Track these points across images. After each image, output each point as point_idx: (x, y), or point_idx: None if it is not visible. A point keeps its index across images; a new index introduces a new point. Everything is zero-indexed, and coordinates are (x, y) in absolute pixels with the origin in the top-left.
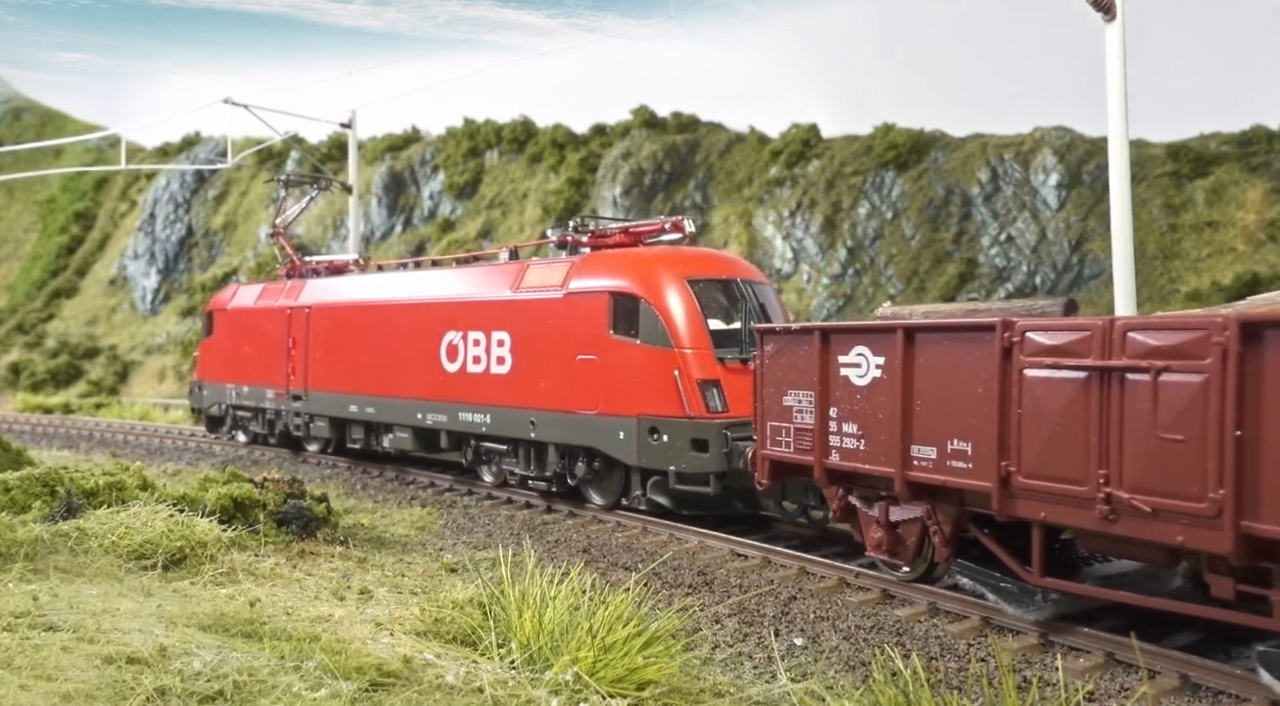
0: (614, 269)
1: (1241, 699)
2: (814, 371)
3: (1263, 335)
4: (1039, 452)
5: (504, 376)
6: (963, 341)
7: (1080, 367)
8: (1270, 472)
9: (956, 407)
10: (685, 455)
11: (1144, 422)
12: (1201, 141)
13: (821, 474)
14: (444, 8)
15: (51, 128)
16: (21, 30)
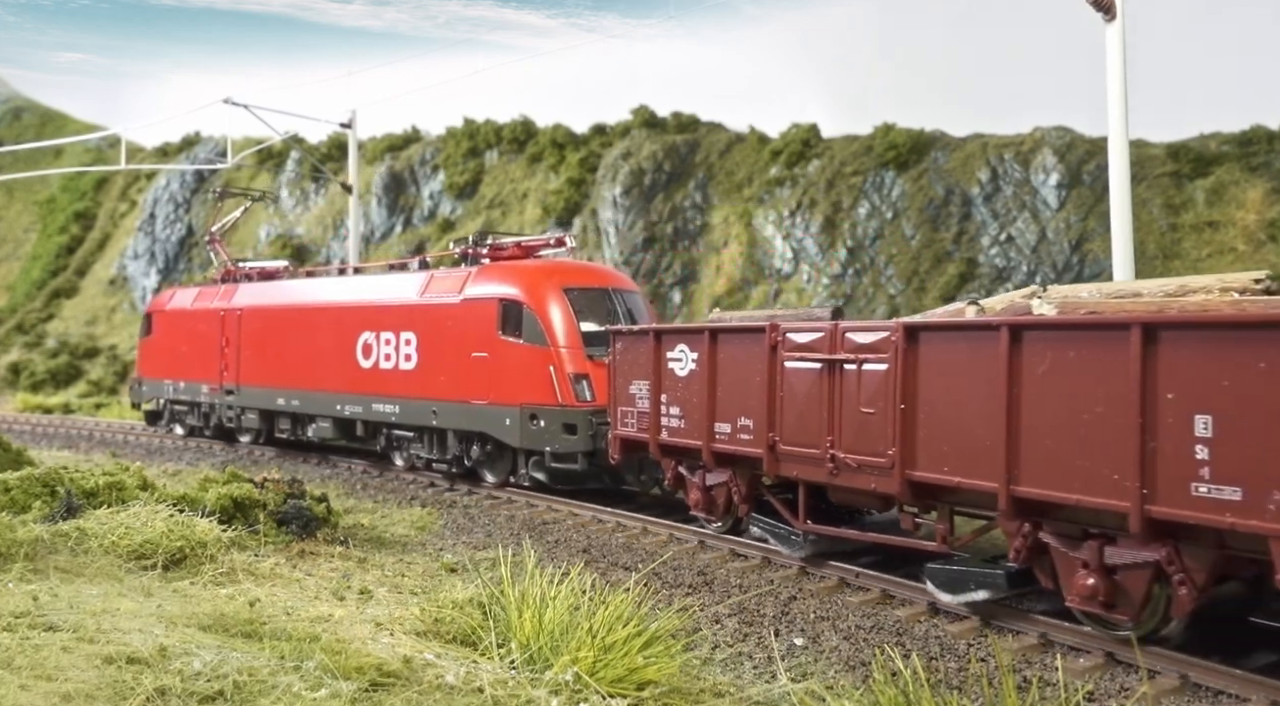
0: (503, 278)
1: (1241, 699)
2: (649, 364)
3: (918, 336)
4: (792, 426)
5: (410, 372)
6: (747, 340)
7: (817, 360)
8: (921, 436)
9: (743, 392)
10: (559, 437)
11: (853, 400)
12: (1201, 141)
13: (656, 448)
14: (444, 8)
15: (51, 128)
16: (21, 30)
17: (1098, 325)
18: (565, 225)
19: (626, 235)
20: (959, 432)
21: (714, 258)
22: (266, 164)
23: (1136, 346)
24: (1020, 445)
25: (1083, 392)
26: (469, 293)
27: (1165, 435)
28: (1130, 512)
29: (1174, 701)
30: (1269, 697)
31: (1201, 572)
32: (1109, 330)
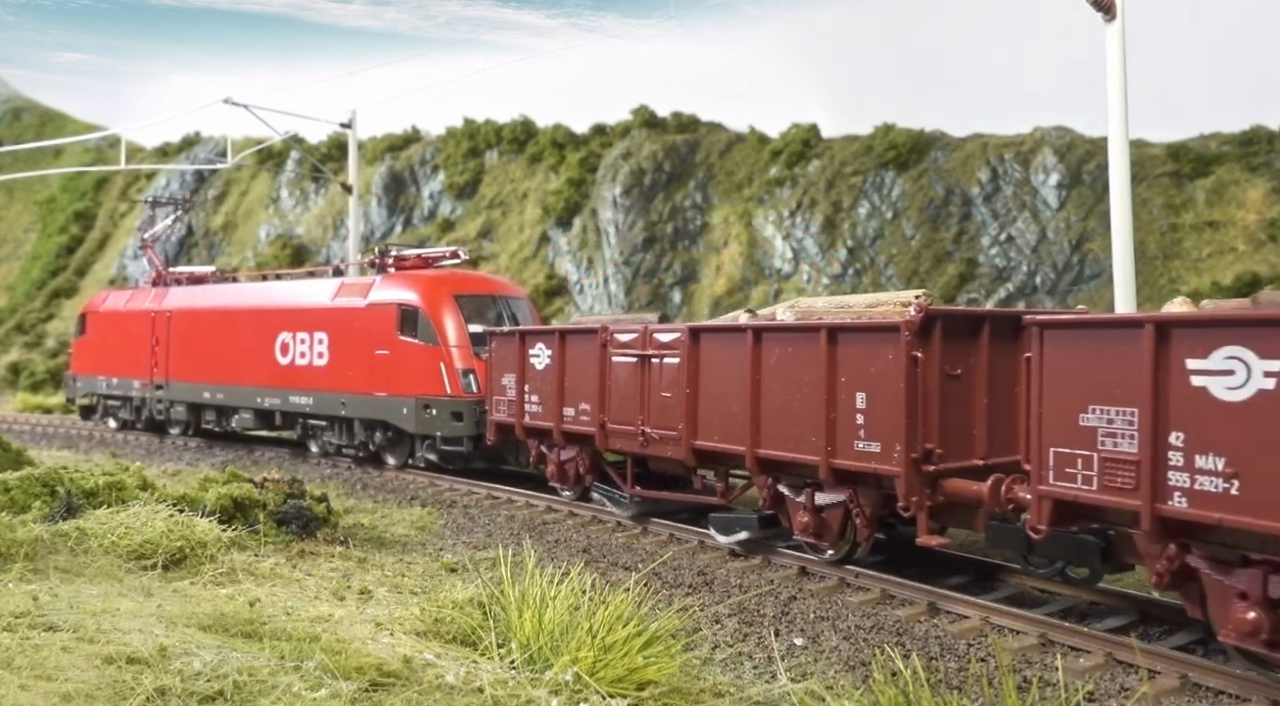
0: (403, 286)
1: (1241, 699)
2: (516, 360)
3: (699, 336)
4: (617, 408)
5: (323, 367)
6: (586, 339)
7: (634, 355)
8: (700, 413)
9: (583, 382)
10: (448, 424)
11: (657, 387)
12: (1201, 141)
13: (521, 431)
14: (444, 8)
15: (51, 128)
16: (21, 30)
17: (802, 328)
18: (565, 225)
19: (626, 235)
20: (724, 410)
21: (714, 258)
22: (266, 164)
23: (824, 344)
24: (760, 418)
25: (795, 378)
26: (373, 298)
27: (841, 408)
28: (821, 465)
29: (1174, 701)
30: (1269, 697)
31: (870, 507)
32: (808, 332)
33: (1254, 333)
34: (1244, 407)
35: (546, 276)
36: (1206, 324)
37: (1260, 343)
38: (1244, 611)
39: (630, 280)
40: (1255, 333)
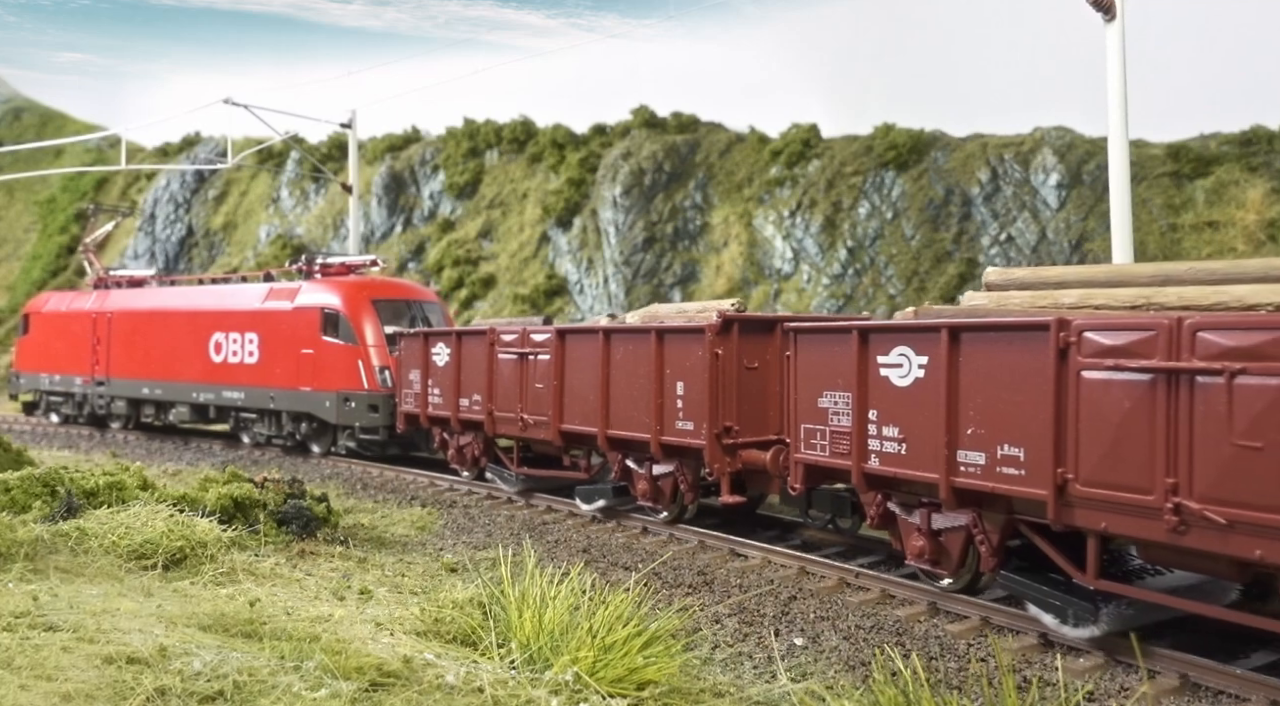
0: (326, 291)
1: (1241, 699)
2: (421, 357)
3: (565, 336)
4: (501, 399)
5: (253, 365)
6: (478, 339)
7: (514, 353)
8: (566, 401)
9: (475, 376)
10: (365, 415)
11: (533, 380)
12: (1201, 141)
13: (425, 420)
14: (444, 8)
15: (51, 128)
16: (21, 30)
17: (638, 330)
18: (565, 225)
19: (626, 235)
20: (584, 398)
21: (714, 257)
22: (266, 164)
23: (654, 343)
24: (609, 404)
25: (634, 371)
26: (299, 302)
27: (666, 394)
28: (653, 441)
29: (1174, 701)
30: (1269, 697)
31: (691, 475)
32: (642, 333)
33: (912, 336)
34: (907, 391)
35: (546, 276)
36: (886, 330)
37: (916, 343)
38: (917, 540)
39: (630, 280)
40: (912, 336)
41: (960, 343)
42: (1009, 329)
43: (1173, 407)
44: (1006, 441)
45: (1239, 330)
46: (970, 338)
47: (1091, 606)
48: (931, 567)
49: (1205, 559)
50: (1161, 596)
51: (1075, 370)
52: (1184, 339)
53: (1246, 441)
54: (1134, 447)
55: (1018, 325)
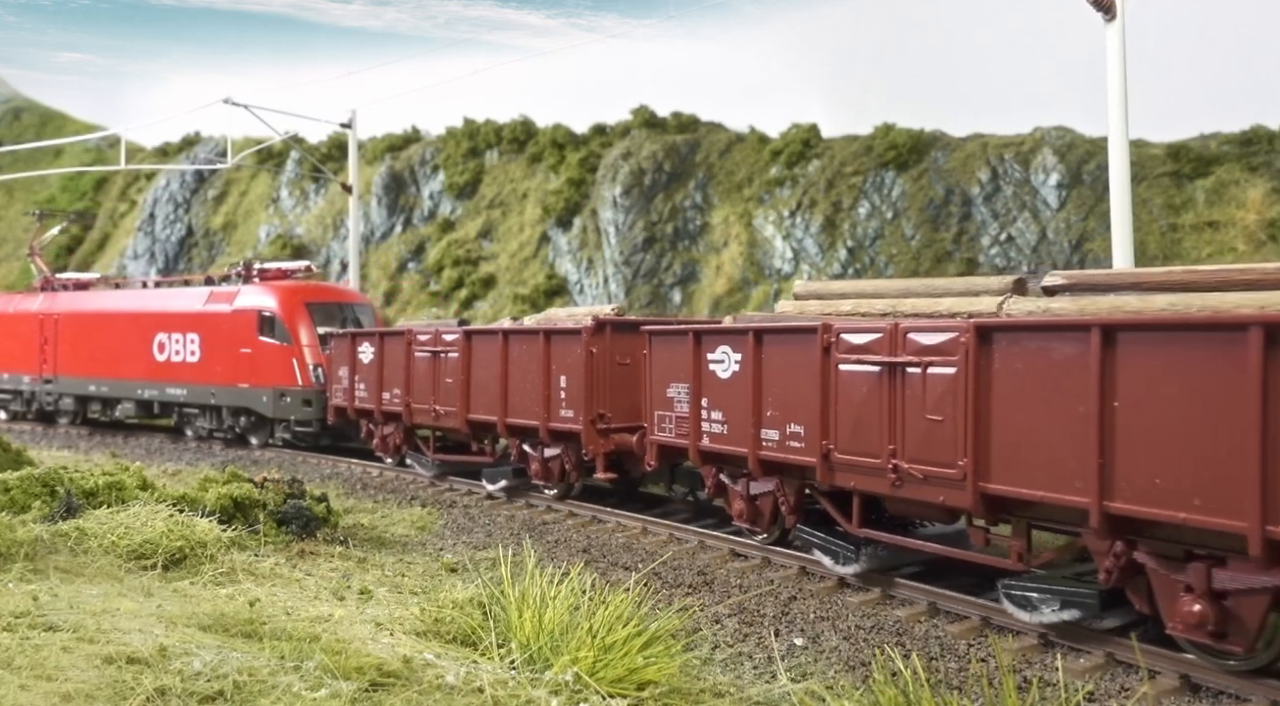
0: (263, 294)
1: (1241, 699)
2: (349, 356)
3: (471, 337)
4: (418, 392)
5: (195, 363)
6: (398, 339)
7: (428, 351)
8: (472, 393)
9: (396, 372)
10: (300, 409)
11: (444, 375)
12: (1201, 141)
13: (353, 412)
14: (444, 8)
15: (51, 128)
16: (21, 30)
17: (529, 331)
18: (565, 225)
19: (626, 235)
20: (487, 391)
21: (714, 257)
22: (266, 164)
23: (542, 342)
24: (508, 396)
25: (528, 366)
26: (238, 304)
27: (553, 387)
28: (541, 428)
29: (1174, 701)
30: (1269, 697)
31: (574, 457)
32: (533, 334)
33: (730, 337)
34: (728, 382)
35: (546, 276)
36: (712, 332)
37: (733, 343)
38: (739, 502)
39: (630, 280)
40: (730, 337)
41: (762, 342)
42: (792, 331)
43: (892, 391)
44: (792, 421)
45: (931, 332)
46: (768, 338)
47: (854, 549)
48: (751, 525)
49: (916, 505)
50: (898, 538)
51: (834, 363)
52: (900, 339)
53: (933, 415)
54: (869, 423)
55: (797, 328)
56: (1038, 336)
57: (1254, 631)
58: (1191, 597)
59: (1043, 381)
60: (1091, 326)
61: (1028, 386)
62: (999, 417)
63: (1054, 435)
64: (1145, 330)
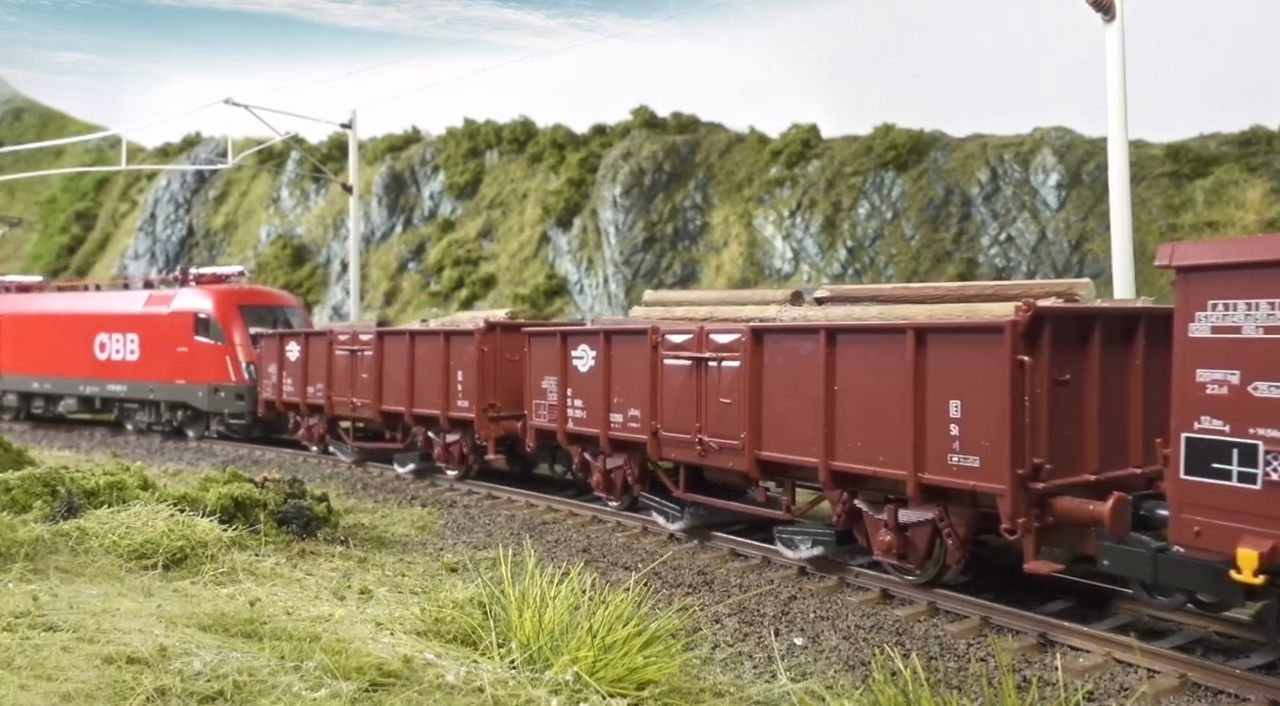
0: (198, 297)
1: (1241, 699)
2: (278, 354)
3: (384, 337)
4: (338, 386)
5: (135, 361)
6: (321, 338)
7: (348, 349)
8: (385, 386)
9: (319, 368)
10: (233, 403)
11: (361, 372)
12: (1201, 141)
13: (281, 405)
14: (444, 8)
15: (52, 128)
16: (21, 30)
17: (432, 332)
18: (565, 225)
19: (626, 235)
20: (396, 384)
21: (714, 257)
22: (267, 164)
23: (443, 342)
24: (414, 389)
25: (430, 363)
26: (175, 306)
27: (451, 381)
28: (441, 417)
29: (1174, 701)
30: (1268, 697)
31: (470, 442)
32: (435, 334)
33: (588, 337)
34: (587, 374)
35: (546, 276)
36: (575, 333)
37: (590, 342)
38: (597, 475)
39: (630, 280)
40: (588, 337)
41: (611, 342)
42: (632, 333)
43: (699, 380)
44: (632, 406)
45: (725, 333)
46: (615, 338)
47: (680, 510)
48: (606, 494)
49: (717, 471)
50: (709, 499)
51: (660, 359)
52: (704, 339)
53: (725, 399)
54: (684, 406)
55: (635, 330)
56: (789, 337)
57: (923, 553)
58: (886, 530)
59: (794, 371)
60: (820, 329)
61: (785, 375)
62: (767, 400)
63: (801, 412)
64: (852, 332)
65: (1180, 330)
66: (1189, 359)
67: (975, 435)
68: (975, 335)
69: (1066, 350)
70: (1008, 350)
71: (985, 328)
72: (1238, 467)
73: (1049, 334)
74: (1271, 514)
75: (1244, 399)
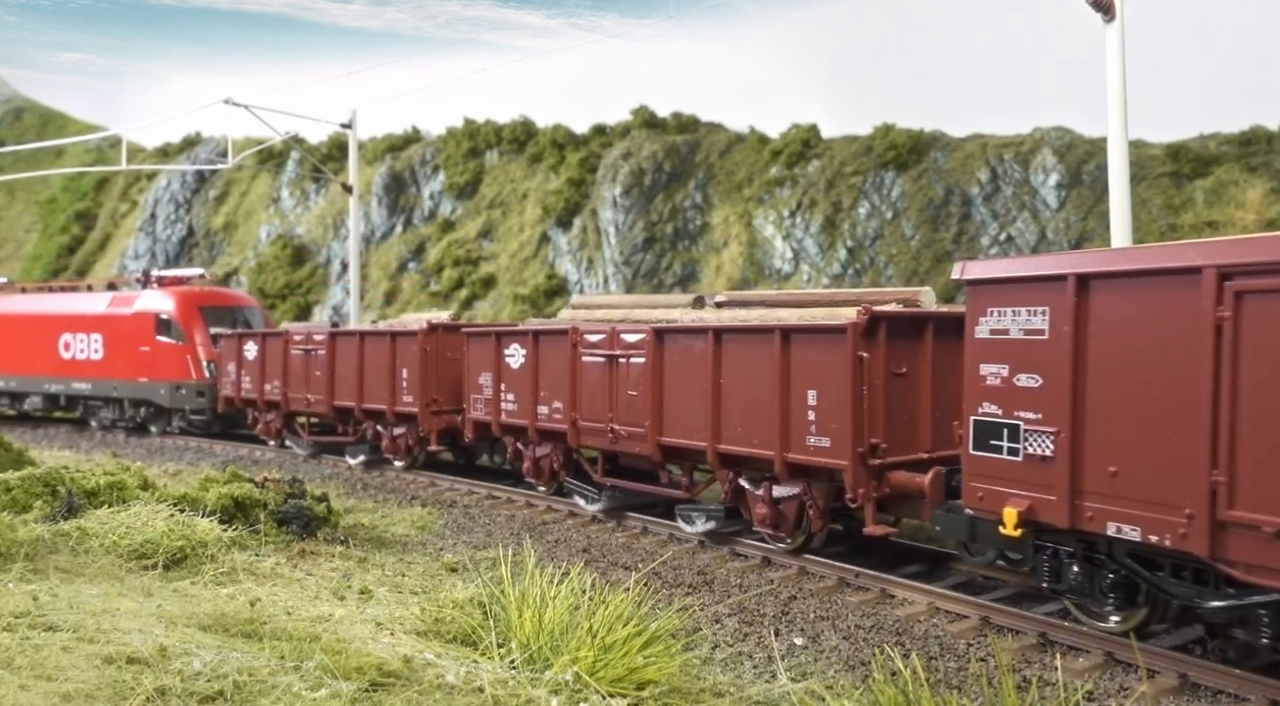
0: (160, 299)
1: (1241, 698)
2: (236, 353)
3: (336, 338)
4: (294, 383)
5: (99, 360)
6: (278, 340)
7: (303, 349)
8: (337, 385)
9: (276, 367)
10: (194, 400)
11: (314, 369)
12: (1201, 141)
13: (239, 402)
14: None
15: (52, 128)
16: (21, 30)
17: (380, 332)
18: (565, 225)
19: (627, 235)
20: (348, 382)
21: (714, 258)
22: (267, 164)
23: (389, 342)
24: (363, 386)
25: (378, 362)
26: (137, 307)
27: (397, 378)
28: (388, 412)
29: (1174, 701)
30: (1268, 697)
31: (414, 435)
32: (382, 335)
33: (518, 337)
34: (518, 371)
35: (546, 276)
36: (508, 333)
37: (520, 341)
38: (528, 463)
39: (630, 280)
40: (518, 337)
41: (539, 341)
42: (556, 333)
43: (611, 375)
44: (556, 399)
45: (632, 333)
46: (542, 337)
47: (599, 492)
48: (536, 480)
49: (627, 456)
50: (624, 483)
51: (579, 356)
52: (616, 338)
53: (632, 391)
54: (598, 398)
55: (558, 330)
56: (685, 336)
57: (792, 524)
58: (762, 505)
59: (688, 366)
60: (709, 329)
61: (681, 370)
62: (668, 392)
63: (694, 402)
64: (734, 332)
65: (969, 332)
66: (975, 355)
67: (827, 420)
68: (827, 335)
69: (902, 347)
70: (849, 348)
71: (833, 329)
72: (1006, 443)
73: (885, 334)
74: (1028, 480)
75: (1010, 388)
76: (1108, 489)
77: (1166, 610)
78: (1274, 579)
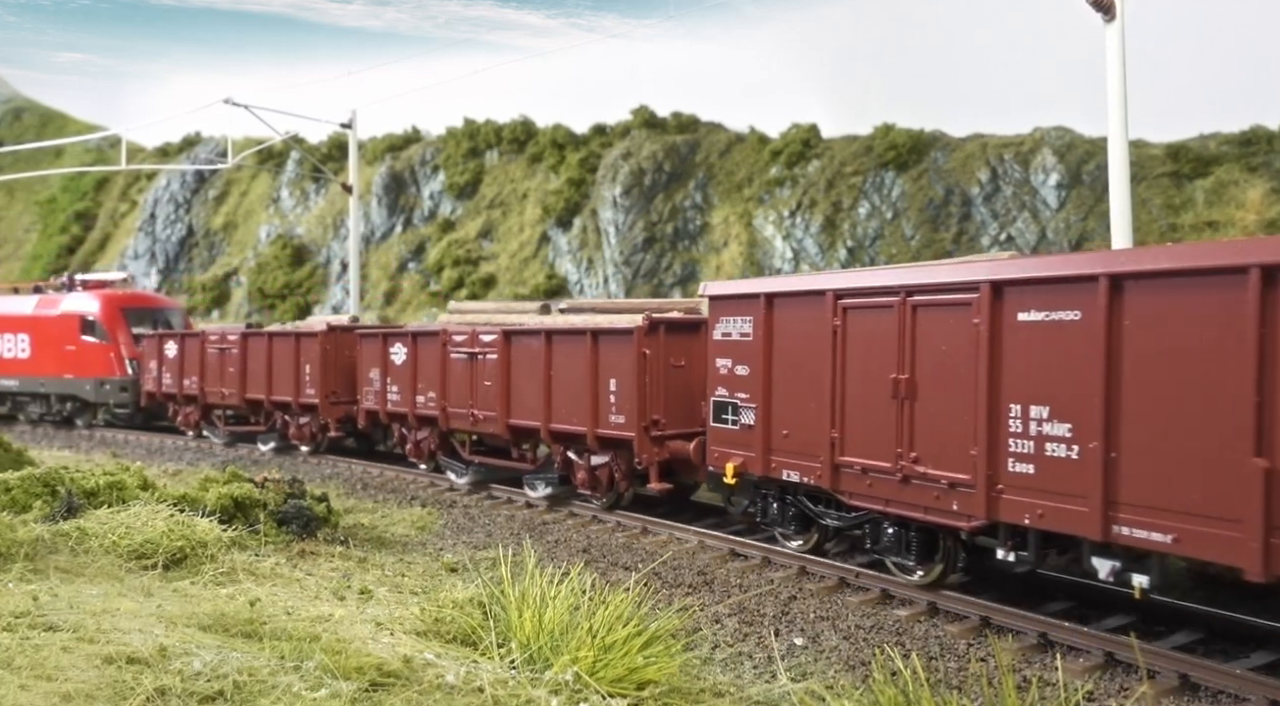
0: (85, 301)
1: (1241, 698)
2: (157, 351)
3: (247, 338)
4: (210, 378)
5: (26, 359)
6: (195, 338)
7: (218, 348)
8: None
9: (193, 364)
10: (118, 395)
11: (228, 366)
12: (1201, 141)
13: (161, 396)
14: (444, 8)
15: (52, 128)
16: (21, 30)
17: (284, 333)
18: (565, 225)
19: (627, 235)
20: (257, 376)
21: (714, 257)
22: (267, 164)
23: (294, 341)
24: (271, 379)
25: (284, 358)
26: (63, 309)
27: (299, 373)
28: (294, 403)
29: (1174, 701)
30: (1268, 697)
31: (317, 423)
32: (287, 335)
33: (400, 337)
34: (401, 367)
35: (546, 276)
36: (392, 333)
37: (401, 340)
38: (410, 445)
39: (630, 280)
40: (400, 337)
41: (417, 341)
42: (429, 334)
43: (472, 369)
44: (431, 390)
45: (488, 334)
46: (420, 338)
47: (466, 468)
48: (417, 460)
49: (487, 436)
50: (486, 459)
51: (448, 353)
52: (475, 338)
53: (488, 382)
54: (463, 388)
55: (431, 332)
56: (526, 337)
57: (605, 486)
58: (583, 471)
59: (529, 361)
60: (542, 331)
61: (524, 364)
62: (514, 382)
63: (533, 390)
64: (560, 333)
65: (710, 334)
66: (713, 352)
67: (623, 401)
68: (620, 336)
69: (680, 345)
70: (635, 346)
71: (624, 331)
72: (730, 417)
73: (664, 334)
74: (740, 443)
75: (733, 376)
76: (782, 446)
77: (826, 533)
78: (864, 501)
